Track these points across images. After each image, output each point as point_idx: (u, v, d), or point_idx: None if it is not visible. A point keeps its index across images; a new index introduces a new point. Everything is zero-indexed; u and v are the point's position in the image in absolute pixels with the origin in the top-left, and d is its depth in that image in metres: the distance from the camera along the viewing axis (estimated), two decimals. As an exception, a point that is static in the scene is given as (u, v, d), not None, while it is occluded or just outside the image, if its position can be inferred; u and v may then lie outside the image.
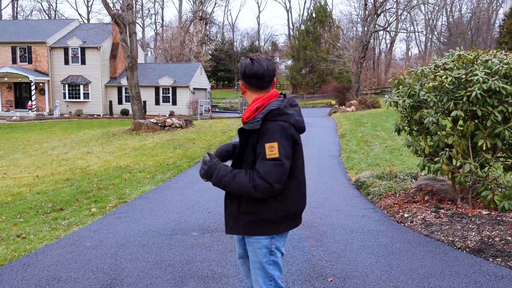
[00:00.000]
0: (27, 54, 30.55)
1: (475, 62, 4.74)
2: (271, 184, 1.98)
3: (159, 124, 18.86)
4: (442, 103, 4.73)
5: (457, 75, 4.59)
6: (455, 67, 4.77)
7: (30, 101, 30.27)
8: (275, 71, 2.21)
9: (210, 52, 53.26)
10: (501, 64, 4.47)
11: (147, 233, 4.72)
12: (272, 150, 1.98)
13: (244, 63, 2.11)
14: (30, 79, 29.11)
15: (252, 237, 2.13)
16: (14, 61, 30.58)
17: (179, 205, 6.00)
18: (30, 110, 29.87)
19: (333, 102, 32.28)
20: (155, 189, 7.20)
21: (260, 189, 1.99)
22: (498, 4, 40.35)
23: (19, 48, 30.56)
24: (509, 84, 4.45)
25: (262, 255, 2.14)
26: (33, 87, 29.78)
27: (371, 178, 6.65)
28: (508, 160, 4.94)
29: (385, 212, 5.32)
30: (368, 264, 3.70)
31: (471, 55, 4.77)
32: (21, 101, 31.60)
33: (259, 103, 2.10)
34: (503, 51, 4.89)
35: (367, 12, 30.86)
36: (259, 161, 2.00)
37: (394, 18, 38.72)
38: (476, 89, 4.37)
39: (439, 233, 4.31)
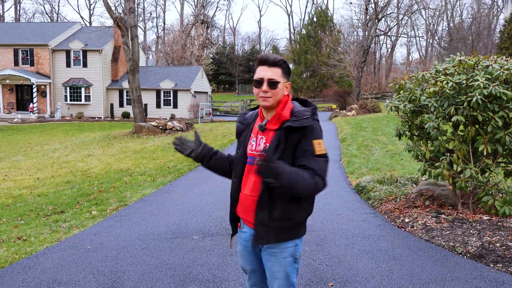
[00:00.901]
0: (29, 57, 30.66)
1: (476, 68, 4.76)
2: (325, 181, 1.93)
3: (160, 127, 18.90)
4: (443, 108, 4.75)
5: (457, 81, 4.60)
6: (456, 73, 4.78)
7: (31, 103, 30.34)
8: None
9: (211, 55, 53.43)
10: (501, 69, 4.49)
11: (147, 236, 4.73)
12: (320, 146, 1.95)
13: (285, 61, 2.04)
14: (31, 81, 29.20)
15: (278, 247, 2.01)
16: (16, 63, 30.68)
17: (179, 208, 6.01)
18: (31, 112, 29.93)
19: (334, 106, 32.31)
20: (155, 192, 7.21)
21: (319, 186, 1.90)
22: (498, 9, 40.51)
23: (21, 50, 30.67)
24: (509, 89, 4.46)
25: (287, 264, 2.04)
26: (34, 90, 29.85)
27: (372, 183, 6.66)
28: (508, 165, 4.94)
29: (386, 217, 5.32)
30: (369, 269, 3.70)
31: (472, 61, 4.79)
32: (22, 103, 31.67)
33: (290, 103, 2.04)
34: (504, 57, 4.90)
35: (368, 16, 30.94)
36: (309, 158, 1.91)
37: (395, 23, 38.81)
38: (477, 94, 4.39)
39: (439, 238, 4.31)
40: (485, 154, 4.56)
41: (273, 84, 1.97)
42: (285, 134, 1.95)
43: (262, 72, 1.99)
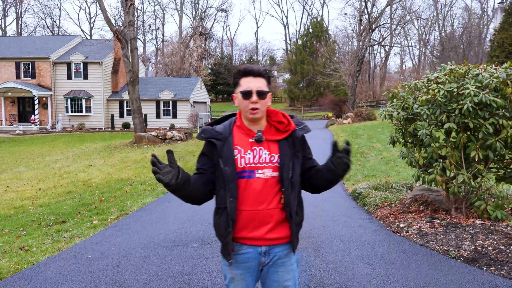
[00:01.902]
0: (30, 69, 30.91)
1: (466, 76, 4.88)
2: None
3: (160, 137, 19.01)
4: (435, 115, 4.86)
5: (449, 89, 4.72)
6: (447, 81, 4.91)
7: (33, 115, 30.49)
8: None
9: (209, 66, 53.73)
10: (491, 78, 4.61)
11: (148, 245, 4.79)
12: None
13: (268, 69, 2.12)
14: (33, 93, 29.38)
15: (286, 256, 1.99)
16: (18, 76, 30.92)
17: (179, 216, 6.08)
18: (33, 124, 30.07)
19: (330, 114, 32.47)
20: (156, 201, 7.28)
21: None
22: (488, 19, 40.96)
23: (23, 63, 30.93)
24: (499, 97, 4.58)
25: (294, 269, 2.03)
26: (36, 102, 30.03)
27: (368, 189, 6.75)
28: (500, 170, 5.04)
29: (381, 222, 5.40)
30: (365, 274, 3.77)
31: (462, 69, 4.92)
32: (24, 115, 31.83)
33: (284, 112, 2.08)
34: (493, 65, 5.03)
35: (362, 27, 31.30)
36: (313, 160, 2.11)
37: (388, 33, 39.24)
38: (468, 102, 4.50)
39: (434, 242, 4.39)
40: (476, 160, 4.66)
41: (262, 94, 1.92)
42: (295, 143, 1.99)
43: (249, 83, 1.92)
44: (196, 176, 1.98)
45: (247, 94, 1.91)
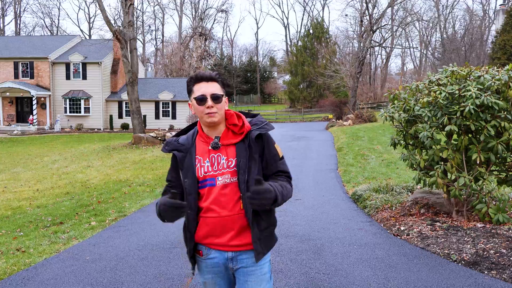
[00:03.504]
0: (29, 69, 30.86)
1: (468, 78, 4.86)
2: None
3: (159, 138, 18.97)
4: (437, 117, 4.83)
5: (450, 91, 4.70)
6: (449, 83, 4.88)
7: (31, 116, 30.43)
8: None
9: (209, 67, 53.72)
10: (493, 80, 4.59)
11: (146, 247, 4.76)
12: (279, 149, 2.01)
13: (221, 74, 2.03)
14: (31, 93, 29.33)
15: (255, 265, 1.95)
16: (16, 76, 30.87)
17: (178, 218, 6.04)
18: (31, 124, 30.01)
19: (330, 116, 32.48)
20: (154, 203, 7.25)
21: (292, 189, 1.99)
22: (490, 21, 41.08)
23: (21, 63, 30.88)
24: (501, 99, 4.55)
25: (266, 280, 1.99)
26: (34, 102, 29.98)
27: (368, 192, 6.71)
28: (501, 173, 5.01)
29: (382, 225, 5.37)
30: (365, 277, 3.74)
31: (464, 71, 4.89)
32: (22, 116, 31.76)
33: (241, 115, 2.02)
34: (495, 67, 5.01)
35: (363, 28, 31.34)
36: (279, 161, 1.97)
37: (390, 34, 39.32)
38: (469, 104, 4.48)
39: (435, 246, 4.36)
40: (478, 162, 4.63)
41: (217, 98, 1.91)
42: (250, 144, 1.92)
43: (202, 88, 1.91)
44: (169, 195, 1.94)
45: (201, 100, 1.90)
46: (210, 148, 1.93)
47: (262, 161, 1.95)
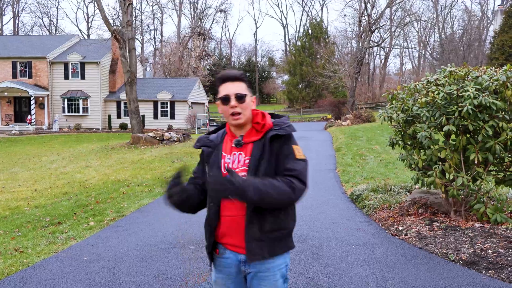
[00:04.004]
0: (27, 69, 30.79)
1: (466, 78, 4.87)
2: (305, 185, 1.87)
3: (157, 138, 18.95)
4: (435, 118, 4.84)
5: (448, 91, 4.71)
6: (447, 83, 4.89)
7: (29, 115, 30.36)
8: None
9: (208, 67, 53.70)
10: (491, 80, 4.60)
11: (144, 247, 4.75)
12: (299, 152, 1.92)
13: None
14: (30, 93, 29.27)
15: (269, 270, 1.91)
16: (14, 75, 30.79)
17: (176, 218, 6.04)
18: (29, 124, 29.94)
19: (329, 116, 32.51)
20: (153, 203, 7.24)
21: (298, 191, 1.83)
22: (488, 21, 41.18)
23: (20, 63, 30.81)
24: (499, 99, 4.57)
25: (279, 285, 1.95)
26: (32, 102, 29.91)
27: (366, 191, 6.72)
28: (499, 173, 5.02)
29: (380, 225, 5.38)
30: (364, 277, 3.74)
31: (462, 72, 4.91)
32: (20, 115, 31.69)
33: (266, 114, 2.00)
34: (493, 68, 5.02)
35: (361, 28, 31.37)
36: (291, 161, 1.87)
37: (388, 35, 39.36)
38: (467, 104, 4.49)
39: (433, 245, 4.37)
40: (476, 162, 4.65)
41: (240, 98, 1.90)
42: (265, 143, 1.90)
43: (227, 88, 1.92)
44: (192, 186, 2.05)
45: (225, 100, 1.92)
46: (233, 145, 1.95)
47: (277, 160, 1.90)
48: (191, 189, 2.02)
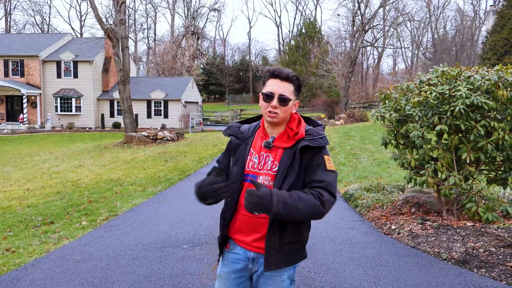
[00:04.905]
0: (19, 68, 30.50)
1: (458, 78, 4.90)
2: (335, 197, 1.81)
3: (151, 137, 18.88)
4: (427, 117, 4.87)
5: (441, 91, 4.74)
6: (439, 83, 4.92)
7: (21, 114, 30.08)
8: None
9: (201, 66, 53.59)
10: (483, 80, 4.63)
11: (137, 246, 4.73)
12: (330, 162, 1.86)
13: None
14: (22, 92, 29.00)
15: (277, 271, 1.89)
16: (6, 74, 30.48)
17: (170, 218, 6.02)
18: (21, 123, 29.66)
19: (323, 115, 32.59)
20: (146, 202, 7.21)
21: (328, 204, 1.77)
22: (480, 21, 41.54)
23: (12, 61, 30.51)
24: (491, 99, 4.60)
25: (285, 286, 1.94)
26: (24, 100, 29.64)
27: (359, 191, 6.75)
28: (491, 172, 5.07)
29: (373, 224, 5.40)
30: (356, 276, 3.76)
31: (454, 71, 4.94)
32: (12, 114, 31.39)
33: (303, 121, 1.95)
34: (485, 67, 5.06)
35: (355, 28, 31.50)
36: (321, 171, 1.82)
37: (381, 34, 39.55)
38: (460, 104, 4.52)
39: (425, 244, 4.40)
40: (468, 162, 4.68)
41: (284, 100, 1.84)
42: (296, 153, 1.84)
43: (273, 86, 1.86)
44: (223, 178, 1.95)
45: (268, 97, 1.86)
46: (262, 145, 1.90)
47: (306, 170, 1.84)
48: (223, 185, 1.90)
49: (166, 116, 31.15)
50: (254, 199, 1.69)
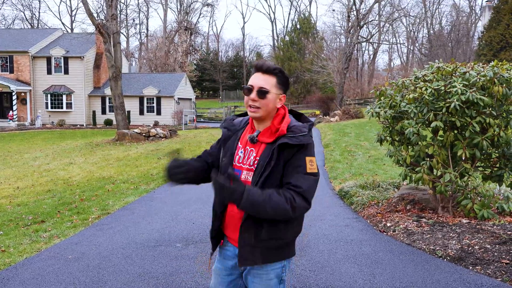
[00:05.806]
0: (8, 64, 30.08)
1: (454, 74, 4.88)
2: (309, 204, 1.78)
3: (143, 134, 18.74)
4: (422, 114, 4.85)
5: (436, 87, 4.71)
6: (435, 79, 4.90)
7: (11, 111, 29.70)
8: None
9: (195, 62, 53.36)
10: (478, 76, 4.62)
11: (130, 245, 4.67)
12: (312, 164, 1.80)
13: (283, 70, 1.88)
14: (11, 88, 28.62)
15: (263, 268, 1.87)
16: (-5, 70, 30.09)
17: (163, 216, 5.96)
18: (11, 120, 29.29)
19: (318, 112, 32.63)
20: (138, 200, 7.14)
21: (298, 210, 1.74)
22: (476, 17, 41.78)
23: (1, 57, 30.08)
24: (486, 95, 4.59)
25: (272, 285, 1.90)
26: (14, 97, 29.26)
27: (355, 188, 6.73)
28: (486, 169, 5.07)
29: (368, 221, 5.38)
30: (352, 274, 3.74)
31: (450, 68, 4.92)
32: (1, 111, 30.99)
33: (287, 117, 1.90)
34: (481, 64, 5.05)
35: (350, 24, 31.52)
36: (299, 175, 1.76)
37: (377, 30, 39.63)
38: (455, 100, 4.50)
39: (420, 242, 4.38)
40: (463, 158, 4.67)
41: (262, 93, 1.80)
42: (278, 150, 1.80)
43: (254, 79, 1.84)
44: (201, 163, 2.02)
45: (248, 90, 1.84)
46: (247, 140, 1.90)
47: (284, 168, 1.80)
48: (199, 167, 2.00)
49: (158, 113, 30.97)
50: (224, 193, 1.70)
